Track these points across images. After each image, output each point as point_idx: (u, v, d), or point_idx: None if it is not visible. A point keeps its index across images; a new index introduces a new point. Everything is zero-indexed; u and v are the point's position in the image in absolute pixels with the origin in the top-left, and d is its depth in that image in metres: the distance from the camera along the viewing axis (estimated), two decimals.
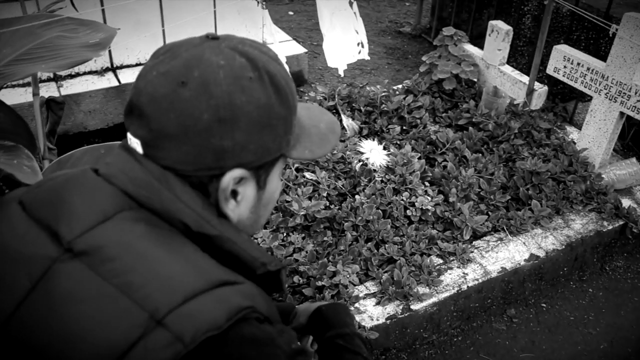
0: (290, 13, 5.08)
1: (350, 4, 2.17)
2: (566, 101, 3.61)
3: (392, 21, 5.19)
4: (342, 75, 2.44)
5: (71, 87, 3.13)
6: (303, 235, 2.45)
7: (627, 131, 3.36)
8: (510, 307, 2.51)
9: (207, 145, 0.77)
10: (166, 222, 0.78)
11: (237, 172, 0.80)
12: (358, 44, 2.26)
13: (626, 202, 2.78)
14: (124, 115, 0.82)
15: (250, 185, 0.85)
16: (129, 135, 0.82)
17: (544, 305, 2.55)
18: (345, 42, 2.19)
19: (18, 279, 0.73)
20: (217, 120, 0.76)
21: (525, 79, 3.18)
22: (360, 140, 2.87)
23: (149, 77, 0.79)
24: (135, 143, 0.80)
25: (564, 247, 2.52)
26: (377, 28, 5.05)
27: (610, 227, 2.65)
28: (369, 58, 2.40)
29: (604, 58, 2.80)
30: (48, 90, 3.06)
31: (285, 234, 2.45)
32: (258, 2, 2.52)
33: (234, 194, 0.84)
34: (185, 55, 0.78)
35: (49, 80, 3.18)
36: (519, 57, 3.97)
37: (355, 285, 2.26)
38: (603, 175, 2.83)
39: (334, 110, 3.30)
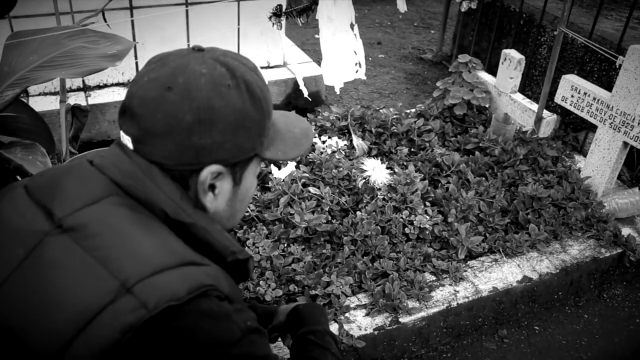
0: (317, 36, 5.24)
1: (352, 26, 2.29)
2: (578, 131, 3.65)
3: (415, 48, 5.31)
4: (338, 92, 2.56)
5: (98, 97, 3.34)
6: (303, 247, 2.55)
7: (636, 163, 3.38)
8: (502, 328, 2.55)
9: (189, 143, 0.90)
10: (148, 209, 0.92)
11: (214, 168, 0.93)
12: (356, 64, 2.38)
13: (626, 231, 2.80)
14: (118, 116, 0.96)
15: (226, 180, 0.98)
16: (121, 133, 0.96)
17: (536, 327, 2.58)
18: (343, 61, 2.32)
19: (15, 249, 0.87)
20: (197, 121, 0.89)
21: (535, 107, 3.25)
22: (365, 158, 2.97)
23: (140, 82, 0.93)
24: (126, 140, 0.94)
25: (558, 271, 2.56)
26: (400, 54, 5.17)
27: (607, 254, 2.68)
28: (365, 78, 2.52)
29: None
30: (77, 99, 3.26)
31: (286, 245, 2.55)
32: (273, 24, 2.66)
33: (212, 187, 0.97)
34: (173, 64, 0.92)
35: (78, 89, 3.39)
36: (534, 87, 4.03)
37: (347, 296, 2.35)
38: (605, 204, 2.86)
39: (346, 130, 3.41)
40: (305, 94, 2.57)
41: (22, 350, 0.79)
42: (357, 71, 2.38)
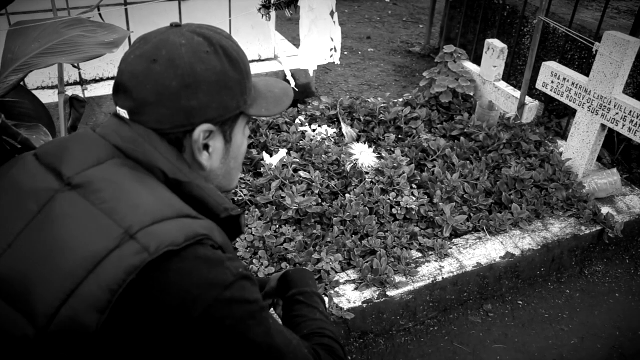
0: None
1: (332, 14, 2.40)
2: (561, 118, 3.77)
3: (404, 42, 5.42)
4: (311, 74, 2.67)
5: (95, 91, 3.43)
6: (294, 228, 2.65)
7: (617, 147, 3.49)
8: (487, 303, 2.66)
9: (178, 107, 1.00)
10: (147, 170, 1.02)
11: (205, 127, 1.03)
12: (331, 49, 2.48)
13: (606, 210, 2.91)
14: (112, 94, 1.06)
15: (218, 139, 1.08)
16: (117, 108, 1.06)
17: (520, 302, 2.69)
18: (319, 46, 2.42)
19: (28, 206, 0.97)
20: (183, 86, 0.99)
21: (518, 94, 3.36)
22: (354, 143, 3.07)
23: (128, 60, 1.03)
24: (123, 113, 1.04)
25: (540, 247, 2.67)
26: (389, 47, 5.29)
27: (587, 232, 2.79)
28: (339, 63, 2.63)
29: None
30: (74, 92, 3.36)
31: (277, 226, 2.66)
32: (262, 15, 2.76)
33: (207, 147, 1.07)
34: (155, 40, 1.03)
35: (75, 83, 3.49)
36: (518, 76, 4.15)
37: (337, 272, 2.45)
38: (585, 184, 2.98)
39: (336, 119, 3.52)
40: (292, 84, 2.68)
41: (30, 298, 0.89)
42: (331, 55, 2.49)
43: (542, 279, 2.80)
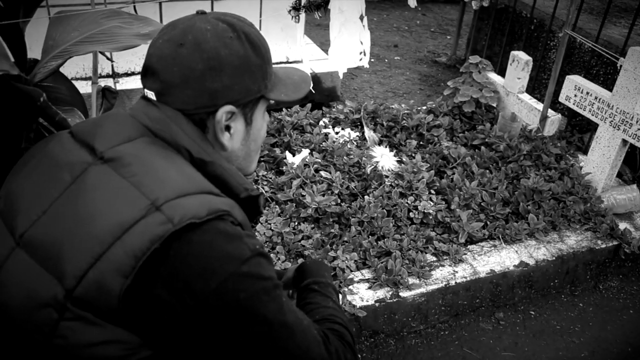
0: None
1: (361, 17, 2.45)
2: (584, 132, 3.77)
3: (431, 51, 5.46)
4: (341, 77, 2.73)
5: (126, 84, 3.54)
6: (313, 226, 2.70)
7: (639, 164, 3.48)
8: (499, 311, 2.68)
9: (203, 88, 1.07)
10: (174, 149, 1.08)
11: (227, 108, 1.09)
12: (360, 53, 2.54)
13: (623, 225, 2.91)
14: (141, 77, 1.13)
15: (239, 121, 1.14)
16: (145, 90, 1.13)
17: (532, 312, 2.70)
18: (349, 49, 2.48)
19: (63, 177, 1.04)
20: (208, 69, 1.06)
21: (541, 106, 3.38)
22: (375, 146, 3.12)
23: (157, 44, 1.10)
24: (150, 95, 1.11)
25: (554, 258, 2.69)
26: (415, 57, 5.33)
27: (603, 246, 2.79)
28: (368, 66, 2.68)
29: None
30: (107, 84, 3.46)
31: (296, 223, 2.71)
32: (292, 17, 2.83)
33: (228, 128, 1.13)
34: (182, 26, 1.10)
35: (107, 76, 3.60)
36: (543, 90, 4.16)
37: (352, 270, 2.49)
38: (603, 199, 2.98)
39: (359, 123, 3.57)
40: (310, 86, 2.75)
41: (61, 261, 0.95)
42: (361, 59, 2.54)
43: (556, 291, 2.81)
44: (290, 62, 4.09)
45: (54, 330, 0.92)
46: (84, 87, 3.41)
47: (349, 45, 2.54)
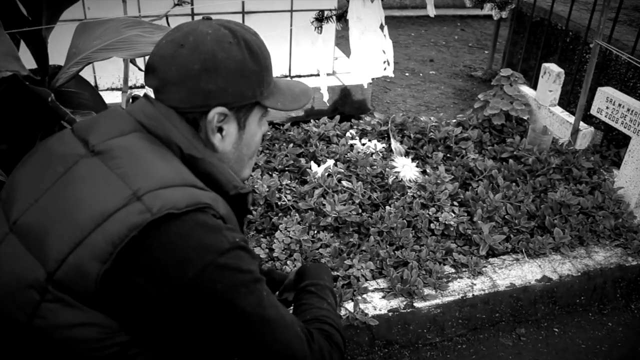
0: None
1: (382, 27, 2.46)
2: (620, 147, 3.64)
3: (467, 66, 5.41)
4: (365, 87, 2.72)
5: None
6: (332, 234, 2.70)
7: None
8: (521, 327, 2.60)
9: (198, 88, 1.11)
10: (165, 145, 1.12)
11: (219, 109, 1.13)
12: (384, 62, 2.53)
13: None
14: (144, 74, 1.18)
15: (232, 124, 1.18)
16: (146, 87, 1.17)
17: (556, 329, 2.61)
18: (371, 59, 2.48)
19: (56, 168, 1.10)
20: (204, 70, 1.10)
21: (573, 119, 3.29)
22: (397, 157, 3.10)
23: (160, 44, 1.15)
24: (149, 91, 1.15)
25: (580, 274, 2.59)
26: (451, 71, 5.29)
27: (634, 263, 2.68)
28: (393, 75, 2.66)
29: None
30: (137, 94, 3.59)
31: (316, 232, 2.71)
32: (315, 28, 2.86)
33: (220, 130, 1.16)
34: (186, 29, 1.14)
35: (141, 87, 3.72)
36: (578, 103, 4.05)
37: (367, 279, 2.47)
38: (636, 214, 2.87)
39: (386, 135, 3.56)
40: (325, 98, 2.77)
41: (45, 245, 0.99)
42: (385, 69, 2.54)
43: (582, 308, 2.71)
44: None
45: (35, 310, 0.96)
46: (118, 97, 3.54)
47: (371, 54, 2.55)
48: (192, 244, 0.98)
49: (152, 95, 1.15)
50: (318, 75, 4.12)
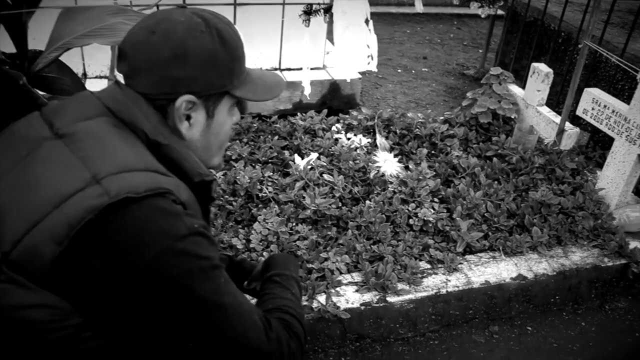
0: None
1: (367, 21, 2.45)
2: (606, 149, 3.64)
3: (460, 64, 5.40)
4: (349, 81, 2.72)
5: None
6: (310, 227, 2.71)
7: None
8: (494, 324, 2.61)
9: (166, 75, 1.11)
10: (131, 130, 1.12)
11: (187, 97, 1.13)
12: (368, 56, 2.53)
13: (635, 244, 2.79)
14: (116, 60, 1.18)
15: (200, 112, 1.18)
16: (116, 72, 1.18)
17: (529, 328, 2.62)
18: (354, 53, 2.48)
19: (20, 150, 1.10)
20: (173, 57, 1.10)
21: (559, 119, 3.29)
22: (379, 151, 3.11)
23: (133, 30, 1.16)
24: (120, 77, 1.16)
25: (555, 273, 2.60)
26: (443, 69, 5.28)
27: (610, 264, 2.69)
28: (376, 70, 2.66)
29: None
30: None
31: (294, 224, 2.72)
32: (303, 21, 2.85)
33: (188, 118, 1.16)
34: (159, 15, 1.15)
35: None
36: None
37: (342, 273, 2.48)
38: (615, 216, 2.87)
39: (372, 130, 3.56)
40: (307, 91, 2.77)
41: (2, 226, 0.99)
42: (368, 63, 2.54)
43: (557, 308, 2.72)
44: (312, 69, 4.12)
45: None
46: (106, 85, 3.54)
47: (355, 49, 2.55)
48: (150, 228, 0.98)
49: (121, 79, 1.15)
50: (310, 69, 4.11)
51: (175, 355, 1.11)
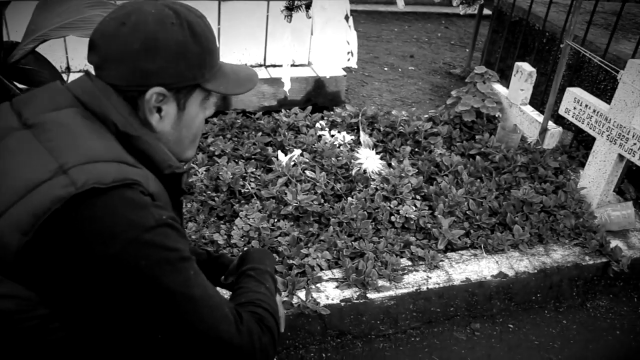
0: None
1: (347, 18, 2.45)
2: (589, 148, 3.65)
3: (446, 63, 5.41)
4: (328, 77, 2.72)
5: None
6: (292, 224, 2.69)
7: None
8: (476, 321, 2.61)
9: (136, 67, 1.10)
10: (101, 122, 1.11)
11: (157, 89, 1.12)
12: (348, 53, 2.53)
13: (615, 243, 2.80)
14: (87, 51, 1.17)
15: (171, 105, 1.17)
16: (87, 62, 1.16)
17: (510, 325, 2.62)
18: (334, 49, 2.47)
19: None
20: (144, 49, 1.09)
21: (542, 118, 3.30)
22: (361, 148, 3.10)
23: (104, 22, 1.14)
24: (90, 68, 1.15)
25: (536, 271, 2.60)
26: (430, 67, 5.29)
27: (591, 262, 2.69)
28: (356, 67, 2.66)
29: None
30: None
31: (276, 220, 2.70)
32: (285, 16, 2.84)
33: (159, 110, 1.15)
34: (130, 7, 1.14)
35: None
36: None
37: (322, 269, 2.47)
38: (596, 214, 2.88)
39: (356, 127, 3.55)
40: (287, 87, 2.76)
41: None
42: (349, 59, 2.53)
43: (538, 306, 2.72)
44: (297, 65, 4.11)
45: None
46: None
47: (335, 46, 2.54)
48: (117, 220, 0.97)
49: (92, 71, 1.14)
50: (294, 65, 4.10)
51: (145, 348, 1.09)
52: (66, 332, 1.01)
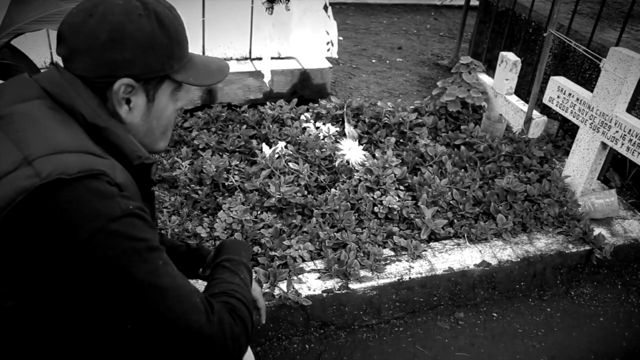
0: (340, 38, 5.41)
1: (325, 7, 2.44)
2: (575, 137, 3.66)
3: (435, 54, 5.40)
4: (307, 68, 2.70)
5: None
6: (275, 216, 2.69)
7: (628, 171, 3.37)
8: (460, 311, 2.61)
9: (104, 58, 1.09)
10: (69, 113, 1.10)
11: (125, 80, 1.12)
12: (328, 43, 2.51)
13: (598, 230, 2.81)
14: (56, 44, 1.16)
15: (140, 96, 1.16)
16: (56, 54, 1.16)
17: (494, 314, 2.63)
18: (313, 39, 2.46)
19: None
20: (110, 40, 1.09)
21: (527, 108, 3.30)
22: (343, 139, 3.09)
23: (71, 13, 1.14)
24: (59, 60, 1.14)
25: (519, 260, 2.61)
26: (418, 59, 5.28)
27: (574, 250, 2.70)
28: (337, 57, 2.65)
29: None
30: None
31: (259, 212, 2.70)
32: (266, 9, 2.83)
33: (128, 102, 1.15)
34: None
35: None
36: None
37: (305, 260, 2.46)
38: (580, 203, 2.89)
39: (341, 119, 3.54)
40: (267, 79, 2.75)
41: None
42: (329, 49, 2.52)
43: (522, 294, 2.73)
44: (282, 58, 4.10)
45: None
46: None
47: (314, 36, 2.53)
48: (83, 210, 0.97)
49: (60, 63, 1.13)
50: (280, 58, 4.09)
51: (117, 339, 1.09)
52: (34, 325, 1.01)
